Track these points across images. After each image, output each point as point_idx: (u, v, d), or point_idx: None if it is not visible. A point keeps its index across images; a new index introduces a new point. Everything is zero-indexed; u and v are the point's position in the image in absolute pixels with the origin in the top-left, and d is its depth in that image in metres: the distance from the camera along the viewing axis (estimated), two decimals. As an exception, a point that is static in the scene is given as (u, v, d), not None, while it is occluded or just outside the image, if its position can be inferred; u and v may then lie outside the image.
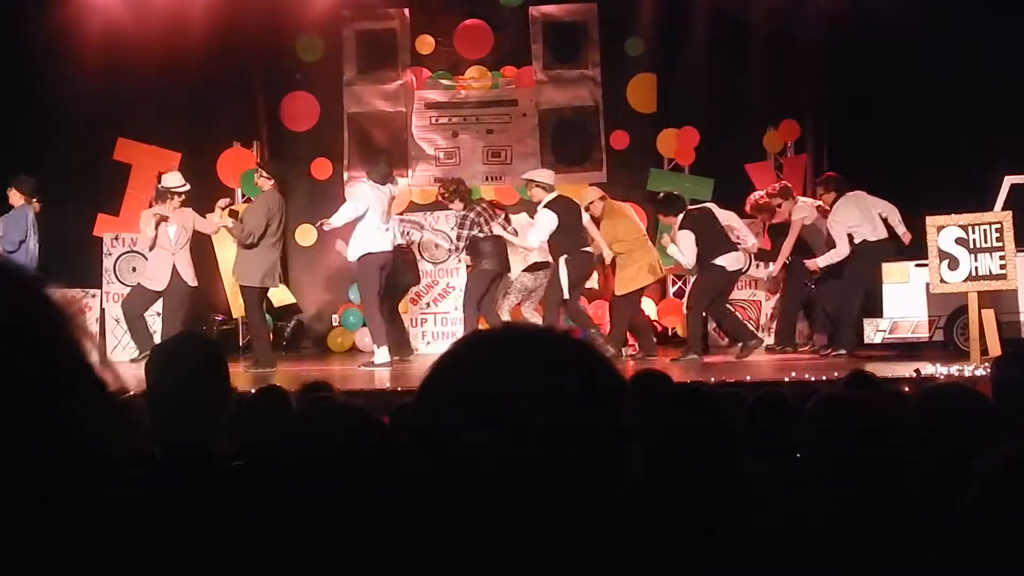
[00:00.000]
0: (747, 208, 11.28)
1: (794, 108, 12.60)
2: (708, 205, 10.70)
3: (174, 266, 10.32)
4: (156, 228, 10.37)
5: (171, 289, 10.31)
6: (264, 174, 10.42)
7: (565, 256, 10.25)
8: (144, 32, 12.23)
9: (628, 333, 10.78)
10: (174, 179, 10.50)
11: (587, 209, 10.66)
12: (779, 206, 11.03)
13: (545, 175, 10.68)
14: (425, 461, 1.05)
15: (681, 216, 10.40)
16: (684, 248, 10.26)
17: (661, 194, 11.25)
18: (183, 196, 10.46)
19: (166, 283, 10.30)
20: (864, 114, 11.65)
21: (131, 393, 2.61)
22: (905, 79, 11.34)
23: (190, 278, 10.40)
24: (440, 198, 10.92)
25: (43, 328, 0.93)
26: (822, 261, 10.47)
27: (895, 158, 11.25)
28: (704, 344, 11.00)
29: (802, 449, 3.19)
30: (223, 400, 2.96)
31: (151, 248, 10.41)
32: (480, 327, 7.82)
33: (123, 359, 10.51)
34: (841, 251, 10.36)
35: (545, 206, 10.31)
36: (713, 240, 10.24)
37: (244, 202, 12.19)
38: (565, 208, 10.33)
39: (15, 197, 10.37)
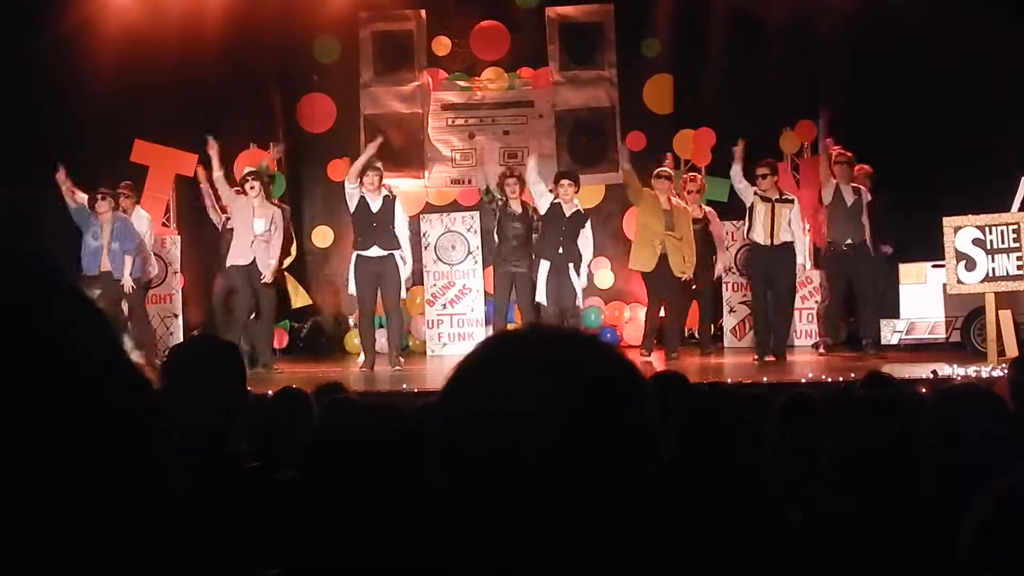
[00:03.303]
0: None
1: (811, 109, 12.52)
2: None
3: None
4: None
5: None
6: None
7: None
8: (161, 34, 12.31)
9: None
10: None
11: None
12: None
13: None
14: (454, 453, 1.06)
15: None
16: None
17: None
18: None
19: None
20: (881, 115, 11.61)
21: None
22: (923, 79, 11.30)
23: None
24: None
25: (94, 326, 0.95)
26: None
27: (912, 159, 11.21)
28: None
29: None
30: (237, 401, 2.98)
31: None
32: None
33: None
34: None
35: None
36: None
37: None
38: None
39: None
